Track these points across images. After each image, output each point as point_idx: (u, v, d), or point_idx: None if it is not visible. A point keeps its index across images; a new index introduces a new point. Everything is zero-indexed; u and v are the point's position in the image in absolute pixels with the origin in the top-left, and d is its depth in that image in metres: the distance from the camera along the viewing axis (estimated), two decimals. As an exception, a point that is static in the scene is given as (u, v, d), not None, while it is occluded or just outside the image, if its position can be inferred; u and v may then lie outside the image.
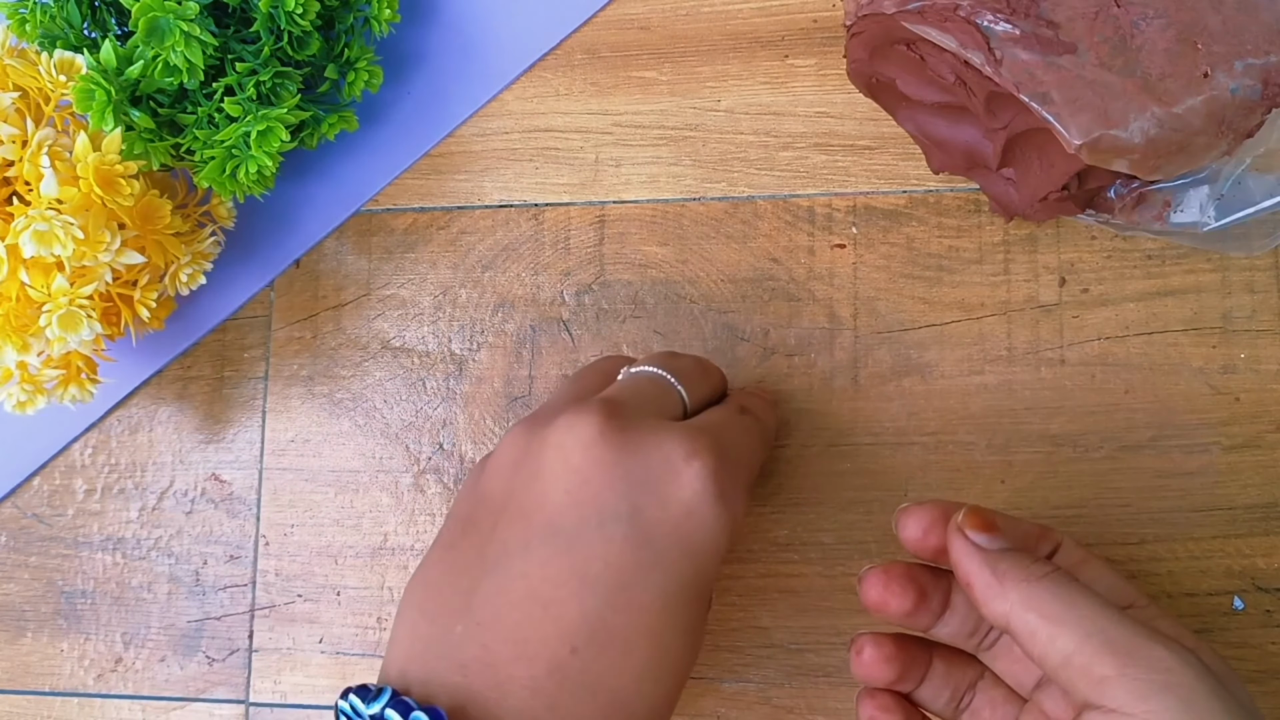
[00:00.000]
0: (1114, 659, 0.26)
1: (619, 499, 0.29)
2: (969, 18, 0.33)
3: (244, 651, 0.43)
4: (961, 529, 0.29)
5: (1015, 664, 0.31)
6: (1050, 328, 0.39)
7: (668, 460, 0.29)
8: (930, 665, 0.32)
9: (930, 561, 0.31)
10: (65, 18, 0.41)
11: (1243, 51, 0.32)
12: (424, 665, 0.28)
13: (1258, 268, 0.38)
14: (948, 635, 0.32)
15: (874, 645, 0.31)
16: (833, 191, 0.41)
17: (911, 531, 0.31)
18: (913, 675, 0.32)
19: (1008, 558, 0.29)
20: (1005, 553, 0.29)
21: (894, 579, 0.31)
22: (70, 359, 0.40)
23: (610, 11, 0.44)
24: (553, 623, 0.28)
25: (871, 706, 0.32)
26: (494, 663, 0.27)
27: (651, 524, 0.29)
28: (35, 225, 0.35)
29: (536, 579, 0.28)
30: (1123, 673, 0.25)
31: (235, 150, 0.40)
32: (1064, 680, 0.27)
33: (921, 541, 0.31)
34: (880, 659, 0.31)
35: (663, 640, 0.28)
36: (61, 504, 0.45)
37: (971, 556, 0.29)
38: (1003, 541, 0.29)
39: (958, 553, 0.29)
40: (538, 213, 0.43)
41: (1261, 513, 0.37)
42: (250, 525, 0.44)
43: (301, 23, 0.39)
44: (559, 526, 0.28)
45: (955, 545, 0.29)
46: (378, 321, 0.44)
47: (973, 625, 0.31)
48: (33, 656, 0.44)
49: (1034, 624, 0.27)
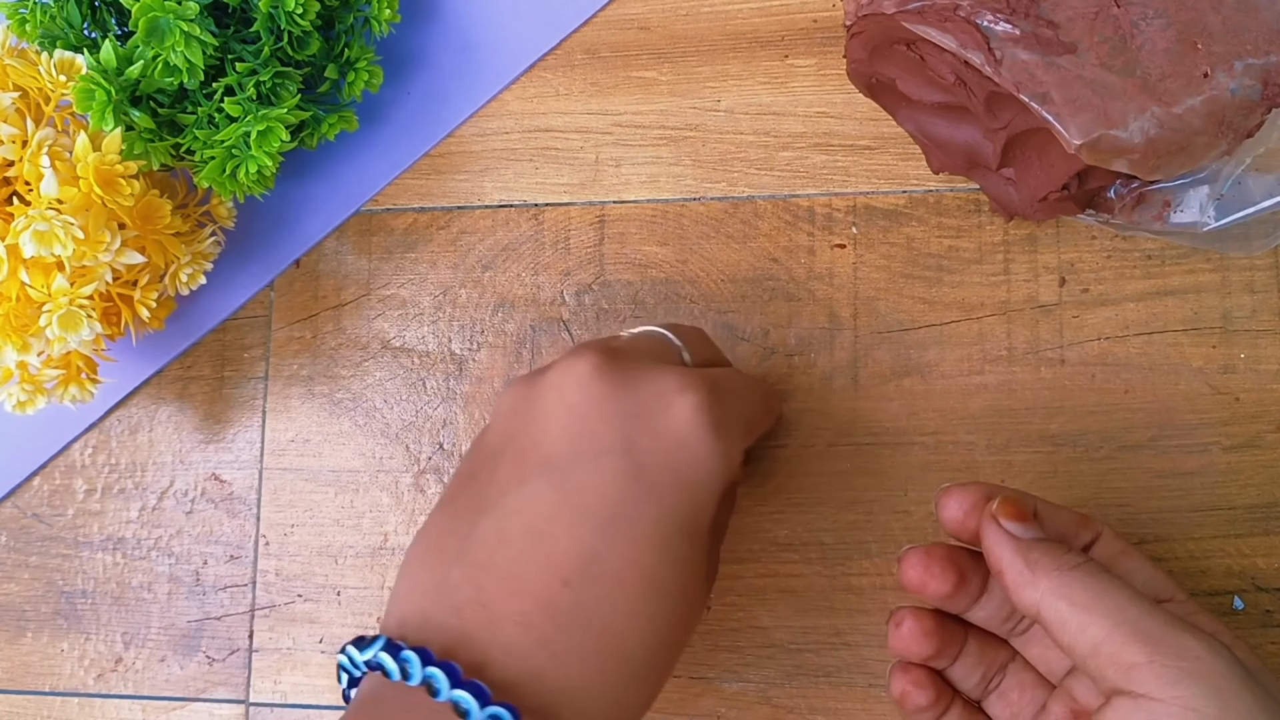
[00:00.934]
0: (1143, 646, 0.26)
1: (613, 432, 0.28)
2: (969, 18, 0.33)
3: (244, 651, 0.43)
4: (995, 517, 0.30)
5: (1047, 650, 0.31)
6: (1050, 328, 0.39)
7: (661, 393, 0.29)
8: (965, 644, 0.32)
9: (968, 544, 0.31)
10: (65, 18, 0.41)
11: (1243, 51, 0.32)
12: (420, 611, 0.28)
13: (1257, 268, 0.38)
14: (983, 618, 0.32)
15: (914, 619, 0.31)
16: (833, 191, 0.41)
17: (952, 512, 0.31)
18: (948, 653, 0.32)
19: (1040, 547, 0.29)
20: (1038, 542, 0.29)
21: (935, 560, 0.31)
22: (70, 359, 0.40)
23: (610, 11, 0.44)
24: (545, 556, 0.27)
25: (905, 680, 0.32)
26: (487, 601, 0.27)
27: (644, 455, 0.28)
28: (35, 225, 0.35)
29: (531, 514, 0.28)
30: (1152, 659, 0.26)
31: (235, 150, 0.40)
32: (1093, 669, 0.27)
33: (961, 524, 0.31)
34: (920, 633, 0.31)
35: (656, 574, 0.28)
36: (62, 504, 0.45)
37: (1004, 545, 0.29)
38: (1036, 530, 0.29)
39: (990, 540, 0.29)
40: (538, 213, 0.43)
41: (1261, 513, 0.37)
42: (250, 525, 0.44)
43: (301, 23, 0.39)
44: (554, 462, 0.28)
45: (989, 533, 0.30)
46: (378, 321, 0.44)
47: (1008, 610, 0.32)
48: (33, 656, 0.44)
49: (1064, 612, 0.27)
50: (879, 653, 0.38)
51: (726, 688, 0.39)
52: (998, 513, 0.30)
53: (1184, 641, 0.26)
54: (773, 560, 0.39)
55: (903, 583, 0.31)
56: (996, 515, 0.30)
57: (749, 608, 0.39)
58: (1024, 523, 0.29)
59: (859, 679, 0.38)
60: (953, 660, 0.32)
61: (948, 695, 0.32)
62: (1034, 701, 0.31)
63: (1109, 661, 0.26)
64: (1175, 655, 0.26)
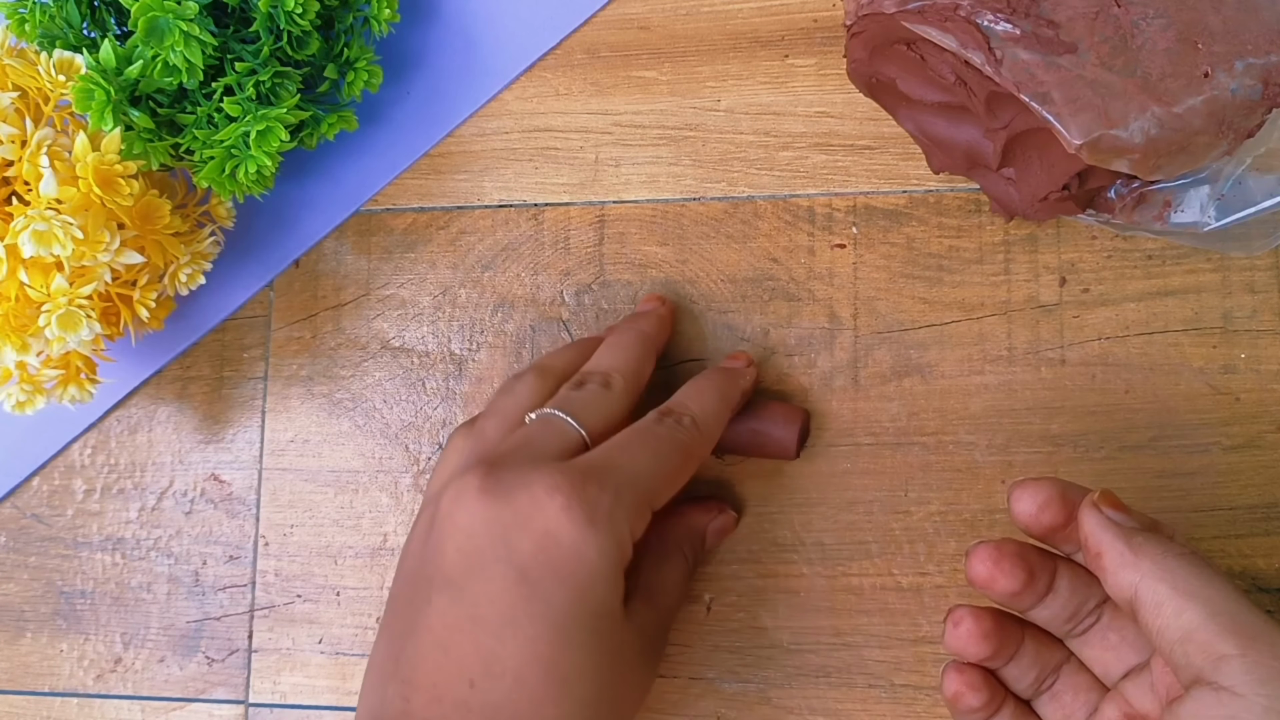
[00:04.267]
0: (1237, 639, 0.26)
1: (497, 544, 0.31)
2: (969, 17, 0.33)
3: (243, 652, 0.43)
4: (1097, 505, 0.30)
5: (1106, 651, 0.31)
6: (1050, 328, 0.39)
7: (534, 498, 0.31)
8: (1022, 644, 0.32)
9: (1037, 539, 0.31)
10: (64, 17, 0.40)
11: (1243, 51, 0.32)
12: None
13: (1258, 268, 0.38)
14: (1045, 618, 0.32)
15: (974, 619, 0.31)
16: (833, 191, 0.41)
17: (1026, 506, 0.30)
18: (1005, 653, 0.31)
19: (1142, 533, 0.29)
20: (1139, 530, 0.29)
21: (1006, 556, 0.30)
22: (69, 359, 0.40)
23: (610, 11, 0.44)
24: (453, 664, 0.31)
25: (959, 682, 0.31)
26: (411, 711, 0.31)
27: (526, 559, 0.31)
28: (34, 225, 0.35)
29: (438, 629, 0.31)
30: (1245, 653, 0.25)
31: (234, 150, 0.40)
32: (1179, 655, 0.26)
33: (1035, 517, 0.30)
34: (979, 634, 0.31)
35: (558, 668, 0.30)
36: (61, 504, 0.45)
37: (1107, 528, 0.29)
38: (1136, 522, 0.29)
39: (1091, 524, 0.29)
40: (537, 212, 0.43)
41: (1262, 513, 0.37)
42: (250, 525, 0.44)
43: (301, 22, 0.39)
44: (452, 580, 0.32)
45: (1089, 518, 0.29)
46: (377, 321, 0.44)
47: (1072, 610, 0.31)
48: (32, 657, 0.44)
49: (1163, 594, 0.27)
50: (879, 653, 0.38)
51: (726, 688, 0.39)
52: (1099, 501, 0.30)
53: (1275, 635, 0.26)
54: (773, 561, 0.39)
55: (970, 578, 0.31)
56: (1099, 504, 0.30)
57: (749, 608, 0.39)
58: (1125, 513, 0.29)
59: (859, 679, 0.38)
60: (1008, 660, 0.32)
61: (1000, 695, 0.32)
62: (1087, 705, 0.31)
63: (1200, 649, 0.26)
64: (1270, 653, 0.25)
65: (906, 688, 0.38)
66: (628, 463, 0.33)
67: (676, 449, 0.35)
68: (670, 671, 0.40)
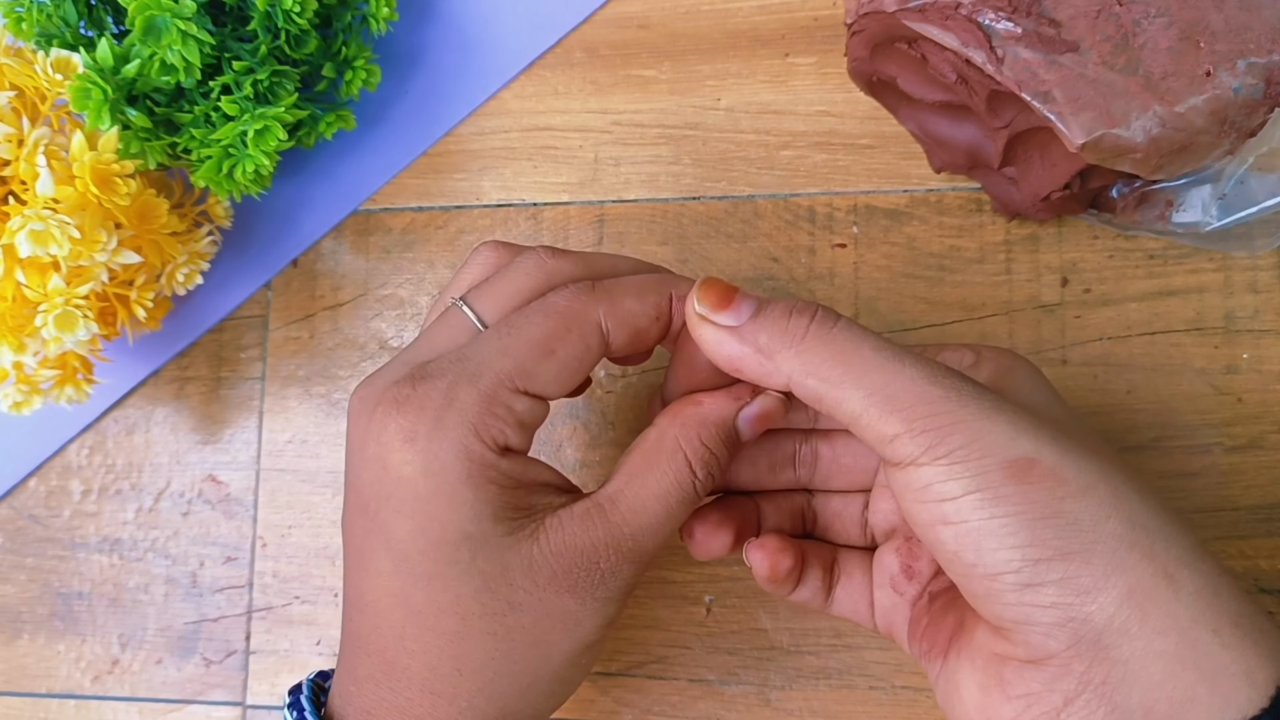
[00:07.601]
0: (898, 415, 0.25)
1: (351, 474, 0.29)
2: (970, 16, 0.33)
3: (241, 653, 0.43)
4: (704, 316, 0.27)
5: (839, 475, 0.33)
6: (1052, 328, 0.39)
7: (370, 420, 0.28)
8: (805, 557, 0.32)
9: None
10: (62, 16, 0.40)
11: (1245, 50, 0.32)
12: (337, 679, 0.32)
13: (1260, 267, 0.38)
14: None
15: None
16: (833, 191, 0.41)
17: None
18: (799, 566, 0.33)
19: (765, 327, 0.27)
20: (759, 322, 0.27)
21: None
22: (66, 359, 0.40)
23: (609, 10, 0.43)
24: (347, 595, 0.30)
25: (768, 550, 0.32)
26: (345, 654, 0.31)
27: (365, 490, 0.28)
28: (31, 225, 0.35)
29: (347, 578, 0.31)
30: (910, 427, 0.25)
31: (232, 149, 0.39)
32: (865, 440, 0.26)
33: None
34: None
35: (410, 601, 0.28)
36: (58, 505, 0.45)
37: (726, 342, 0.27)
38: (749, 308, 0.27)
39: (710, 343, 0.27)
40: (536, 212, 0.43)
41: (1264, 514, 0.37)
42: (247, 527, 0.43)
43: (299, 21, 0.39)
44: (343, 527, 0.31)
45: (705, 334, 0.28)
46: (375, 321, 0.44)
47: None
48: (29, 658, 0.44)
49: (817, 389, 0.26)
50: (879, 655, 0.38)
51: (726, 690, 0.39)
52: (702, 303, 0.27)
53: (932, 394, 0.25)
54: (773, 561, 0.39)
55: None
56: (703, 314, 0.27)
57: (749, 610, 0.39)
58: (732, 308, 0.27)
59: (859, 681, 0.38)
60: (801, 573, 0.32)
61: (801, 558, 0.32)
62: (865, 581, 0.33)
63: (872, 436, 0.26)
64: (926, 418, 0.25)
65: (906, 689, 0.38)
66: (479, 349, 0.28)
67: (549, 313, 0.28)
68: (670, 673, 0.39)
